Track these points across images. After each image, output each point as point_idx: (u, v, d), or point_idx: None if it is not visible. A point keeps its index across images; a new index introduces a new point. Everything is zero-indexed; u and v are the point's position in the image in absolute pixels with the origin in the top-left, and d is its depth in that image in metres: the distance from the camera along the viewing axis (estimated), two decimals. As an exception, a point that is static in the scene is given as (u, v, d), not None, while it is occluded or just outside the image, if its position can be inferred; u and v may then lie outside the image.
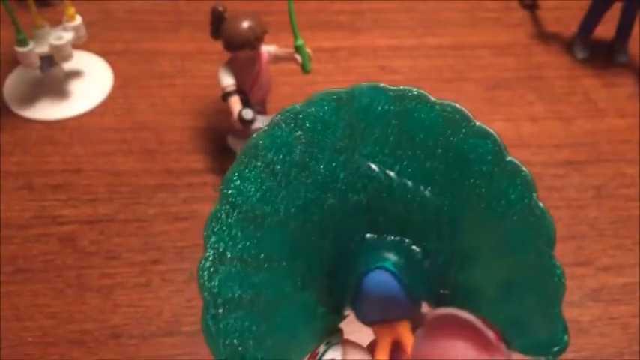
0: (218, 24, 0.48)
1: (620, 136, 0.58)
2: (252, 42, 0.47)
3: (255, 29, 0.47)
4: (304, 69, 0.50)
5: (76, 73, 0.60)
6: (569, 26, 0.68)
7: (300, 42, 0.49)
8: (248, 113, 0.48)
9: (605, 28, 0.66)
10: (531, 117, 0.59)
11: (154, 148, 0.55)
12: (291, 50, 0.50)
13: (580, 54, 0.65)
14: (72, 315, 0.44)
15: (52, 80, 0.58)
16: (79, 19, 0.55)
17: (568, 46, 0.67)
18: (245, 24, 0.47)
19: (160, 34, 0.66)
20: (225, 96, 0.49)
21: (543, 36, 0.68)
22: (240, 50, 0.48)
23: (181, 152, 0.55)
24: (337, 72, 0.63)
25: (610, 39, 0.66)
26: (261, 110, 0.54)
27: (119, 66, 0.62)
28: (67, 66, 0.59)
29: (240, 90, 0.49)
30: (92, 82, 0.60)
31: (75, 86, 0.59)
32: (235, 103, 0.48)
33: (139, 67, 0.62)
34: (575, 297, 0.46)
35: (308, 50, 0.50)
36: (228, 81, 0.49)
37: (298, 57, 0.49)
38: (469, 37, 0.68)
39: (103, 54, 0.63)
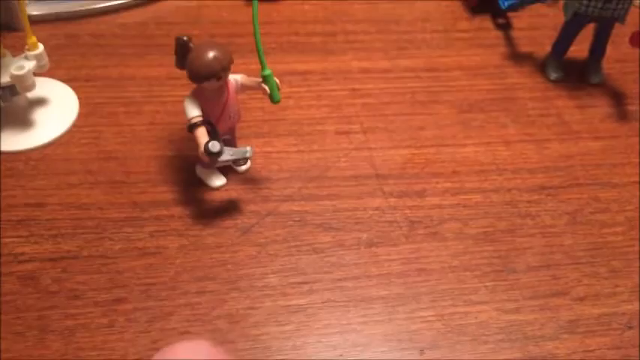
0: (183, 54, 0.47)
1: (594, 160, 0.57)
2: (219, 73, 0.46)
3: (221, 59, 0.46)
4: (272, 99, 0.49)
5: (40, 102, 0.58)
6: (543, 46, 0.68)
7: (267, 71, 0.48)
8: (215, 146, 0.46)
9: (579, 48, 0.65)
10: (505, 140, 0.59)
11: (120, 179, 0.53)
12: (259, 79, 0.49)
13: (553, 75, 0.65)
14: None
15: (14, 110, 0.56)
16: (41, 48, 0.54)
17: (541, 66, 0.66)
18: (210, 54, 0.46)
19: (128, 59, 0.64)
20: (191, 128, 0.47)
21: (517, 56, 0.68)
22: (206, 81, 0.46)
23: (148, 183, 0.53)
24: (309, 96, 0.62)
25: (584, 59, 0.66)
26: (230, 138, 0.53)
27: (85, 93, 0.60)
28: (31, 94, 0.57)
29: (206, 121, 0.48)
30: (57, 110, 0.58)
31: (39, 115, 0.57)
32: (202, 135, 0.47)
33: (105, 94, 0.61)
34: (550, 330, 0.45)
35: (276, 79, 0.49)
36: (194, 112, 0.47)
37: (266, 87, 0.48)
38: (443, 59, 0.67)
39: (68, 80, 0.61)
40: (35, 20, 0.66)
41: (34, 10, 0.67)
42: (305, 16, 0.71)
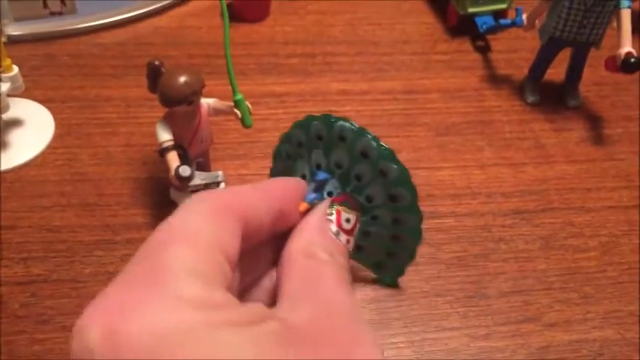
0: (154, 78, 0.47)
1: (568, 184, 0.57)
2: (189, 97, 0.46)
3: (192, 84, 0.46)
4: (244, 124, 0.49)
5: (16, 123, 0.58)
6: (521, 68, 0.68)
7: (239, 96, 0.48)
8: (185, 170, 0.46)
9: (557, 71, 0.66)
10: (481, 164, 0.59)
11: (93, 201, 0.53)
12: (231, 104, 0.49)
13: (530, 98, 0.65)
14: (-1, 385, 0.42)
15: (-12, 131, 0.56)
16: (15, 70, 0.54)
17: (519, 89, 0.66)
18: (181, 79, 0.46)
19: (106, 80, 0.64)
20: (163, 152, 0.47)
21: (495, 79, 0.68)
22: (177, 106, 0.46)
23: (121, 205, 0.53)
24: (286, 118, 0.62)
25: (561, 82, 0.66)
26: (203, 162, 0.53)
27: (61, 114, 0.60)
28: (7, 115, 0.57)
29: (178, 145, 0.48)
30: (32, 131, 0.58)
31: (14, 136, 0.57)
32: (173, 159, 0.47)
33: (82, 115, 0.61)
34: (521, 356, 0.45)
35: (248, 104, 0.49)
36: (165, 136, 0.47)
37: (238, 111, 0.48)
38: (421, 81, 0.67)
39: (45, 101, 0.61)
40: (14, 40, 0.67)
41: (13, 31, 0.67)
42: (285, 38, 0.71)
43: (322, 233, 0.30)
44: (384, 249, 0.43)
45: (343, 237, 0.33)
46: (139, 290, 0.22)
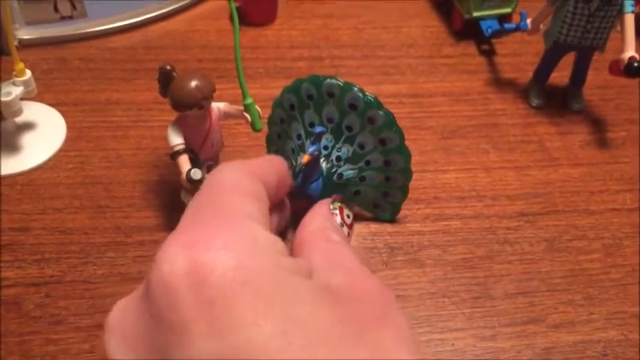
0: (166, 82, 0.48)
1: (572, 187, 0.58)
2: (200, 102, 0.47)
3: (203, 88, 0.47)
4: (254, 128, 0.50)
5: (28, 126, 0.59)
6: (526, 72, 0.69)
7: (249, 100, 0.49)
8: (197, 173, 0.47)
9: (562, 74, 0.67)
10: (486, 166, 0.59)
11: (105, 203, 0.54)
12: (241, 108, 0.50)
13: (535, 101, 0.66)
14: (14, 384, 0.43)
15: (2, 135, 0.57)
16: (28, 74, 0.55)
17: (524, 92, 0.67)
18: (192, 83, 0.47)
19: (116, 83, 0.65)
20: (174, 155, 0.48)
21: (500, 83, 0.69)
22: (188, 110, 0.47)
23: (133, 208, 0.54)
24: (294, 121, 0.63)
25: (566, 85, 0.67)
26: (213, 164, 0.53)
27: (73, 117, 0.61)
28: (20, 119, 0.58)
29: (189, 149, 0.49)
30: (44, 134, 0.59)
31: (26, 140, 0.58)
32: (184, 162, 0.48)
33: (93, 118, 0.61)
34: (526, 357, 0.46)
35: (258, 108, 0.50)
36: (176, 140, 0.48)
37: (248, 116, 0.49)
38: (427, 84, 0.68)
39: (57, 104, 0.62)
40: (26, 44, 0.68)
41: (24, 35, 0.68)
42: (292, 41, 0.72)
43: (332, 222, 0.36)
44: (379, 190, 0.49)
45: (345, 229, 0.39)
46: (215, 230, 0.24)
